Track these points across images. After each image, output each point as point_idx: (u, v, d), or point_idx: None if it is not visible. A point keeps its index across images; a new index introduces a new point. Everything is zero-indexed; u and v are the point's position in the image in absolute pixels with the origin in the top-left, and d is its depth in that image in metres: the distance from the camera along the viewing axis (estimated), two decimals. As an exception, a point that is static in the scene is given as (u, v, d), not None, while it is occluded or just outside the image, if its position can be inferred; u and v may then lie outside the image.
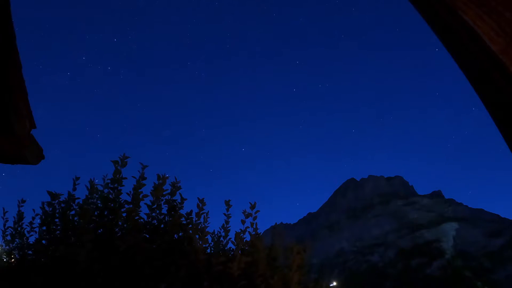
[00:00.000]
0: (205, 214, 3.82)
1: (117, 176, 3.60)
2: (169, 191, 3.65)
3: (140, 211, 3.57)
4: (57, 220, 3.67)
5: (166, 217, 3.58)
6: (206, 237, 3.79)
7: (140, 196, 3.58)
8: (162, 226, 3.54)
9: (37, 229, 3.73)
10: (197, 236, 3.67)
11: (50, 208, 3.71)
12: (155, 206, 3.57)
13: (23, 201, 3.92)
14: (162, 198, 3.61)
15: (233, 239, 3.81)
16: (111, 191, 3.60)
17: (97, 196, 3.69)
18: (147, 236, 3.46)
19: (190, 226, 3.65)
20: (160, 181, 3.63)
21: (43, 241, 3.62)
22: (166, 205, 3.62)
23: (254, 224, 3.82)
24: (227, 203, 3.90)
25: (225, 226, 3.91)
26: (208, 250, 3.81)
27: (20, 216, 3.82)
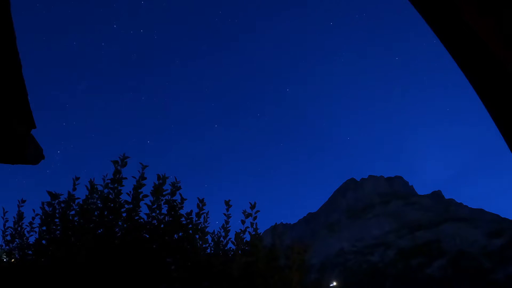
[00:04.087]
0: (205, 214, 3.83)
1: (117, 176, 3.61)
2: (169, 191, 3.65)
3: (140, 211, 3.58)
4: (57, 220, 3.67)
5: (166, 217, 3.58)
6: (206, 237, 3.80)
7: (140, 196, 3.58)
8: (162, 226, 3.54)
9: (37, 229, 3.73)
10: (197, 236, 3.67)
11: (50, 208, 3.71)
12: (155, 206, 3.58)
13: (23, 201, 3.92)
14: (162, 198, 3.61)
15: (233, 239, 3.81)
16: (111, 191, 3.60)
17: (97, 196, 3.69)
18: (147, 236, 3.45)
19: (190, 226, 3.65)
20: (160, 181, 3.63)
21: (43, 241, 3.62)
22: (166, 205, 3.62)
23: (254, 224, 3.82)
24: (227, 203, 3.90)
25: (225, 226, 3.91)
26: (208, 250, 3.81)
27: (20, 216, 3.82)
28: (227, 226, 3.91)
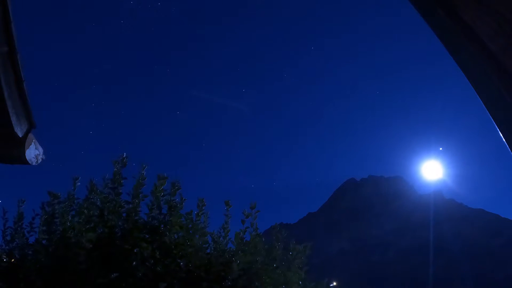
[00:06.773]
0: (205, 214, 3.83)
1: (117, 176, 3.61)
2: (169, 191, 3.65)
3: (140, 211, 3.58)
4: (57, 220, 3.67)
5: (166, 217, 3.58)
6: (206, 237, 3.80)
7: (140, 196, 3.58)
8: (162, 226, 3.54)
9: (37, 229, 3.73)
10: (197, 236, 3.67)
11: (50, 208, 3.72)
12: (155, 206, 3.58)
13: (23, 201, 3.92)
14: (162, 198, 3.61)
15: (233, 239, 3.81)
16: (111, 191, 3.60)
17: (97, 196, 3.70)
18: (147, 236, 3.46)
19: (190, 226, 3.65)
20: (160, 181, 3.63)
21: (43, 241, 3.63)
22: (166, 205, 3.63)
23: (254, 224, 3.82)
24: (227, 203, 3.91)
25: (225, 226, 3.91)
26: (208, 250, 3.81)
27: (20, 216, 3.82)
28: (227, 226, 3.92)
